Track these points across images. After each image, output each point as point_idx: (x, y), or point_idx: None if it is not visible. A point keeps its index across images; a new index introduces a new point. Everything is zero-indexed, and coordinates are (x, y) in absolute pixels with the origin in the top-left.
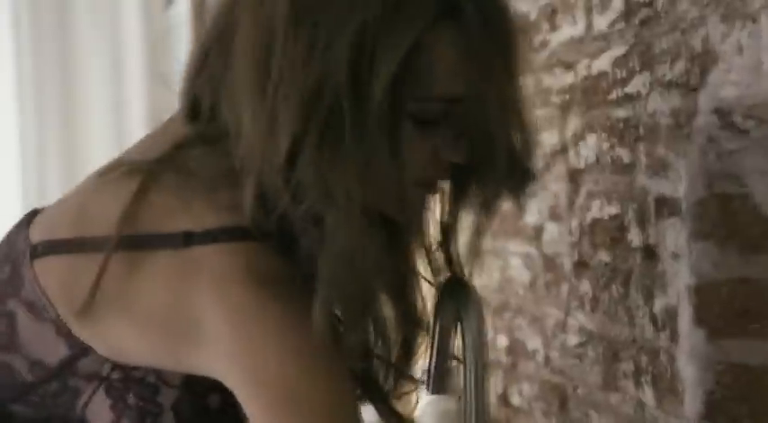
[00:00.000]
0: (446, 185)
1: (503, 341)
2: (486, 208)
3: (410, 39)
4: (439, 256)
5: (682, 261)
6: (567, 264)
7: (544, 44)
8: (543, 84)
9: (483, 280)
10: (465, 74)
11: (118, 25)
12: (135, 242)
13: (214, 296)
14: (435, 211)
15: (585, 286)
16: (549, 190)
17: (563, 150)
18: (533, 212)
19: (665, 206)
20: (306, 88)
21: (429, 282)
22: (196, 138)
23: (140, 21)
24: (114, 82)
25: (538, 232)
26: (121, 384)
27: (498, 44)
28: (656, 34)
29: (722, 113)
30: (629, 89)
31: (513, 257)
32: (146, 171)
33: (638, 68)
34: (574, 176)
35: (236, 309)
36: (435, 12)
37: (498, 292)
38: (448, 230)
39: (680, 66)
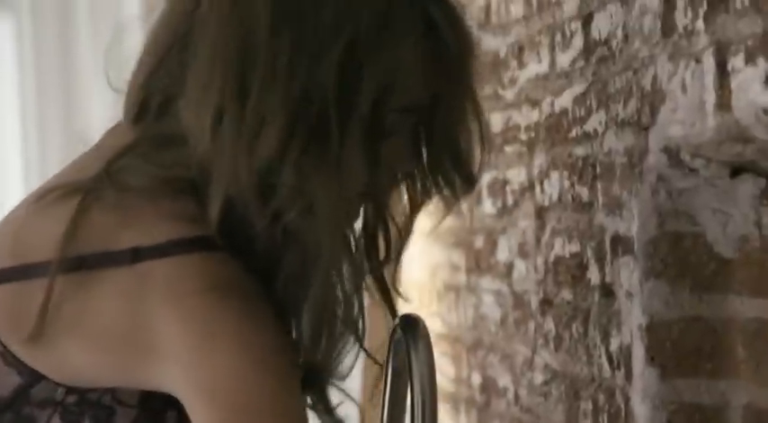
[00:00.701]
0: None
1: (477, 379)
2: (424, 194)
3: (396, 54)
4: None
5: (635, 300)
6: (534, 301)
7: (513, 81)
8: (512, 121)
9: (458, 317)
10: (438, 85)
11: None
12: (81, 263)
13: (167, 308)
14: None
15: (550, 324)
16: (518, 227)
17: (530, 187)
18: (504, 249)
19: (620, 244)
20: (291, 96)
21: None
22: (140, 141)
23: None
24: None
25: (508, 269)
26: (77, 408)
27: (465, 56)
28: (611, 73)
29: (671, 152)
30: (587, 127)
31: (486, 294)
32: (84, 190)
33: (595, 107)
34: (540, 214)
35: (190, 319)
36: (419, 28)
37: (472, 329)
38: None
39: (632, 104)
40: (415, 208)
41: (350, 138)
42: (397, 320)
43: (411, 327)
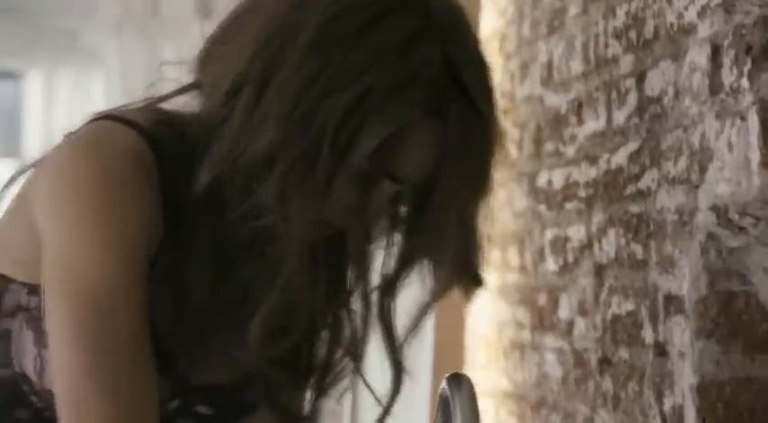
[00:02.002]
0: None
1: None
2: (433, 293)
3: (401, 121)
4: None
5: (687, 359)
6: (593, 360)
7: (573, 138)
8: (572, 177)
9: (523, 375)
10: (432, 171)
11: None
12: None
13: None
14: (382, 260)
15: (608, 383)
16: (578, 284)
17: (589, 245)
18: (565, 307)
19: (673, 303)
20: (295, 111)
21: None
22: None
23: None
24: None
25: (569, 327)
26: (38, 312)
27: (470, 158)
28: (664, 130)
29: (719, 211)
30: (641, 185)
31: (549, 352)
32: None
33: (648, 164)
34: (599, 271)
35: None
36: (428, 106)
37: (536, 387)
38: (389, 284)
39: (682, 162)
40: (434, 295)
41: (336, 177)
42: (444, 379)
43: (457, 385)
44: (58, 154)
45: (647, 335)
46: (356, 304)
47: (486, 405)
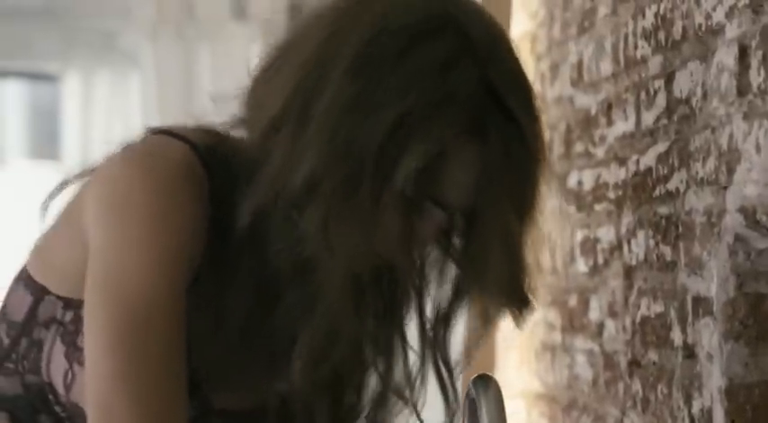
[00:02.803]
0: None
1: None
2: (484, 321)
3: (441, 140)
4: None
5: (715, 362)
6: (623, 362)
7: (602, 139)
8: (602, 179)
9: (554, 377)
10: (475, 194)
11: None
12: None
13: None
14: (434, 290)
15: (637, 385)
16: (608, 286)
17: (619, 246)
18: (595, 309)
19: (701, 305)
20: (336, 137)
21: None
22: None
23: None
24: None
25: (599, 329)
26: (73, 326)
27: (511, 178)
28: (692, 131)
29: (747, 213)
30: (670, 186)
31: (579, 354)
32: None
33: (677, 165)
34: (628, 273)
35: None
36: (467, 125)
37: (567, 389)
38: (443, 318)
39: (711, 163)
40: (485, 322)
41: (379, 203)
42: (471, 380)
43: (484, 387)
44: (111, 164)
45: (676, 337)
46: (410, 335)
47: (518, 407)
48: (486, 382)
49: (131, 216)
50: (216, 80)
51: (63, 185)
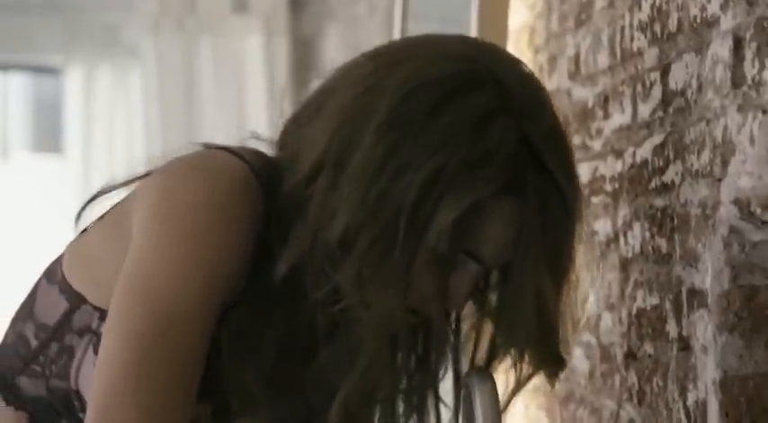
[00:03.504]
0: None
1: None
2: (517, 382)
3: (475, 196)
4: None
5: (710, 354)
6: (619, 354)
7: (599, 132)
8: (598, 171)
9: None
10: (511, 251)
11: (243, 110)
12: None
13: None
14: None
15: (633, 377)
16: (604, 278)
17: (615, 239)
18: (592, 301)
19: (696, 298)
20: (370, 192)
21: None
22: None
23: (266, 108)
24: None
25: (596, 321)
26: None
27: (548, 236)
28: (687, 123)
29: (741, 204)
30: (666, 178)
31: (576, 346)
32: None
33: (672, 157)
34: (624, 265)
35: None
36: (503, 182)
37: (564, 381)
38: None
39: (705, 155)
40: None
41: (414, 259)
42: (466, 372)
43: (479, 379)
44: (169, 172)
45: (671, 329)
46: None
47: (515, 399)
48: (481, 375)
49: (179, 224)
50: (217, 73)
51: (105, 191)
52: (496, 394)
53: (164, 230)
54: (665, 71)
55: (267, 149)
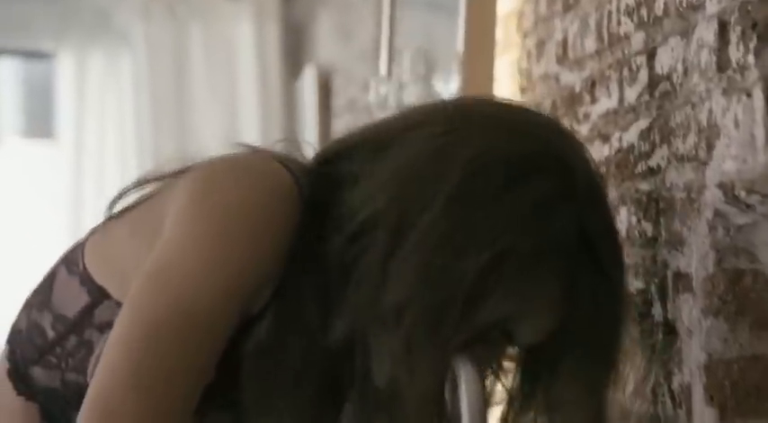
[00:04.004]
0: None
1: None
2: None
3: (535, 295)
4: None
5: (694, 337)
6: None
7: (586, 116)
8: None
9: None
10: (563, 342)
11: (234, 96)
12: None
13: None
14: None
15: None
16: None
17: None
18: None
19: (681, 281)
20: (430, 268)
21: None
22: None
23: (257, 94)
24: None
25: None
26: None
27: (600, 331)
28: (673, 107)
29: (726, 188)
30: (652, 162)
31: None
32: None
33: (658, 141)
34: None
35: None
36: (558, 275)
37: None
38: None
39: (691, 139)
40: None
41: (459, 334)
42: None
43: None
44: (215, 168)
45: (657, 313)
46: None
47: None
48: (467, 365)
49: (215, 223)
50: (208, 60)
51: (140, 182)
52: (483, 384)
53: (197, 227)
54: (651, 55)
55: (300, 154)
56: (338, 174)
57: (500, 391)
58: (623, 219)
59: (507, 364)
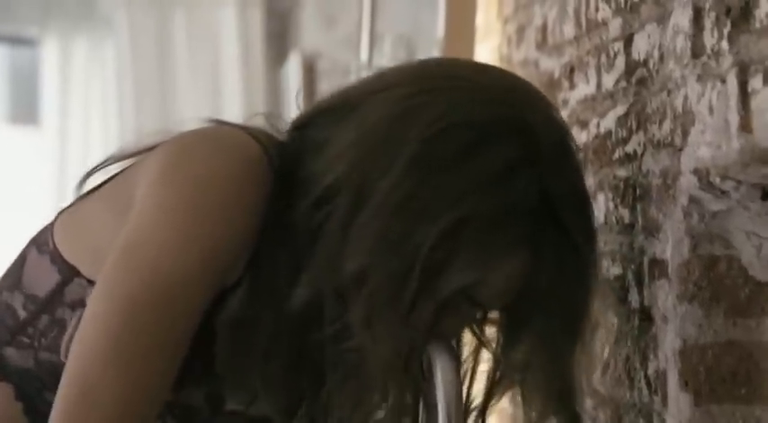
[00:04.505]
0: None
1: None
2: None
3: (495, 260)
4: None
5: (670, 323)
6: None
7: (565, 102)
8: None
9: None
10: (510, 297)
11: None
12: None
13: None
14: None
15: (598, 348)
16: None
17: None
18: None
19: (657, 267)
20: (390, 234)
21: None
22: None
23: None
24: None
25: None
26: None
27: (566, 294)
28: (650, 93)
29: (701, 174)
30: (629, 148)
31: None
32: None
33: (635, 128)
34: None
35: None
36: (521, 240)
37: None
38: (480, 408)
39: (667, 126)
40: None
41: (423, 302)
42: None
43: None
44: (187, 141)
45: (633, 299)
46: None
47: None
48: (442, 348)
49: (186, 196)
50: (191, 45)
51: (109, 162)
52: (458, 365)
53: (169, 200)
54: (628, 41)
55: (271, 127)
56: (307, 139)
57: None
58: (601, 205)
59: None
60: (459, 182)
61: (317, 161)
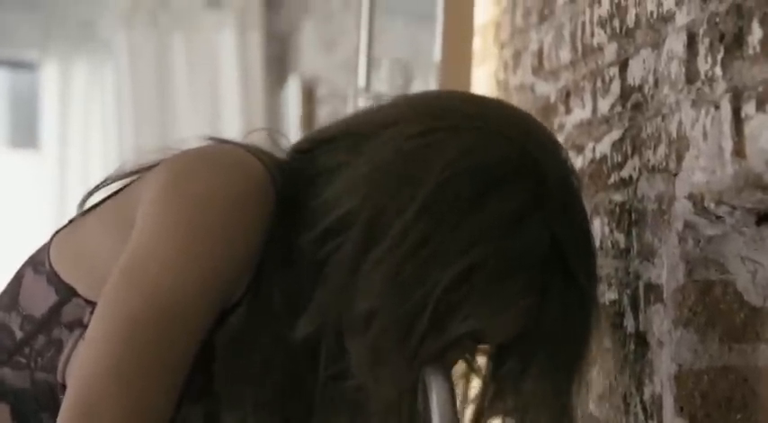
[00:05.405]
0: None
1: None
2: None
3: (505, 309)
4: None
5: (665, 348)
6: None
7: (561, 127)
8: None
9: None
10: (532, 345)
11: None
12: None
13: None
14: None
15: (594, 372)
16: None
17: None
18: None
19: (652, 292)
20: (401, 276)
21: None
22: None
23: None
24: None
25: None
26: None
27: (569, 335)
28: (645, 118)
29: (696, 199)
30: (624, 173)
31: None
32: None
33: (630, 152)
34: None
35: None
36: (530, 286)
37: None
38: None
39: (661, 151)
40: None
41: (429, 344)
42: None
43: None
44: (188, 159)
45: (629, 324)
46: None
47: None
48: (437, 369)
49: (187, 215)
50: (190, 68)
51: (109, 180)
52: (452, 384)
53: (170, 219)
54: (623, 66)
55: (273, 144)
56: (314, 166)
57: (473, 390)
58: (597, 230)
59: (480, 362)
60: (472, 228)
61: (326, 189)
